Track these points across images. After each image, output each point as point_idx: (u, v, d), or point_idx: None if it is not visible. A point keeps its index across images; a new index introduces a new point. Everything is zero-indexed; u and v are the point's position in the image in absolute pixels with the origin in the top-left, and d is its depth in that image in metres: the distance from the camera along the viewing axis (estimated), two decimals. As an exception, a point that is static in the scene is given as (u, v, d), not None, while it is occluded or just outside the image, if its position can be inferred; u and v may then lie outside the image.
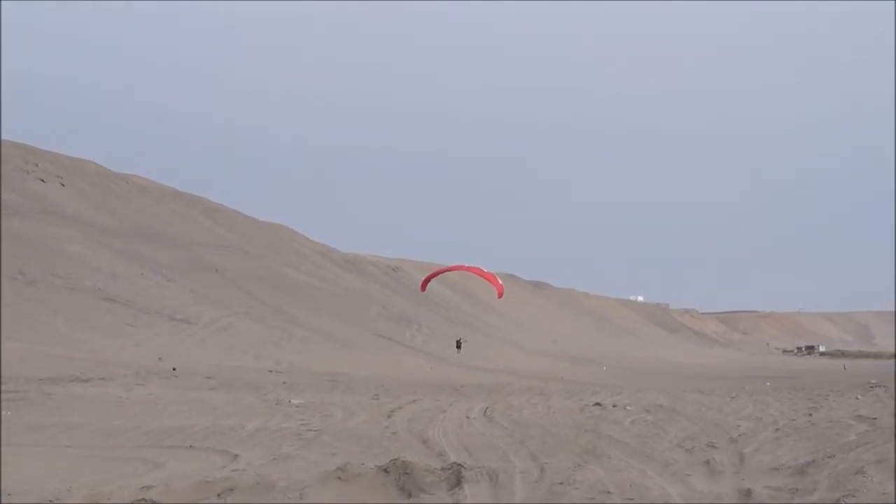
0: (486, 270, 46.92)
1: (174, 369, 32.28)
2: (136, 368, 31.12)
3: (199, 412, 19.96)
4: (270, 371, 37.84)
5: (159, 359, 36.30)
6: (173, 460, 13.38)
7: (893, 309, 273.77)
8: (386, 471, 11.50)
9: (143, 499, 10.18)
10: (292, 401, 23.51)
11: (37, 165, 70.47)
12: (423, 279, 47.88)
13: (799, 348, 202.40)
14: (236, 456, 13.78)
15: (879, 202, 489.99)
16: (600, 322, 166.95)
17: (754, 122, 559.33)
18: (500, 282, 45.67)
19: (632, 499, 11.00)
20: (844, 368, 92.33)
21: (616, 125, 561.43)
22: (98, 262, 53.78)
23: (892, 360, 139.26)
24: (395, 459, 11.96)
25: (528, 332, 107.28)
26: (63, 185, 68.93)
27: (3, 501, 10.52)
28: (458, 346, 63.48)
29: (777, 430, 19.27)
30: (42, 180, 68.08)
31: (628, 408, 25.11)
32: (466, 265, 46.52)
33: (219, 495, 10.53)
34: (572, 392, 33.99)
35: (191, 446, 14.92)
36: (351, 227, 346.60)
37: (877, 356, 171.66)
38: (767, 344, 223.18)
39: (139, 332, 43.58)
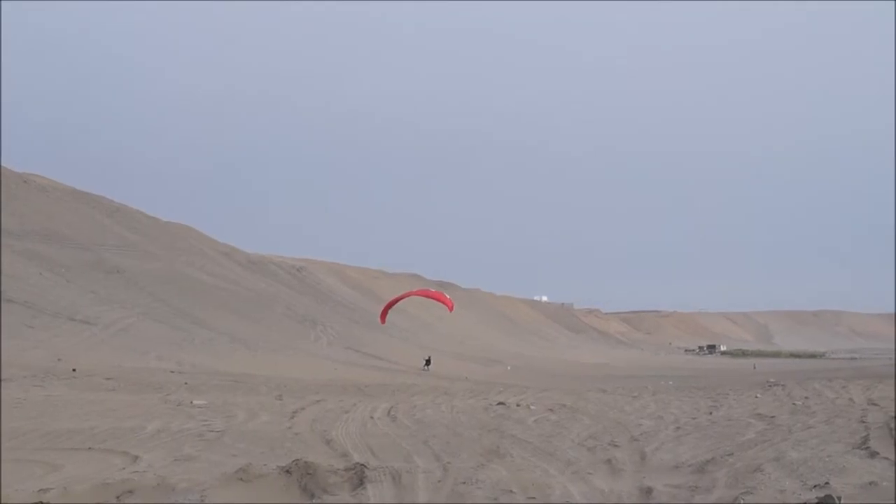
0: (432, 291, 48.30)
1: (74, 370, 31.75)
2: (34, 370, 30.56)
3: (99, 413, 19.66)
4: (172, 372, 37.39)
5: (59, 360, 35.70)
6: (72, 462, 13.14)
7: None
8: (288, 471, 11.43)
9: (41, 502, 9.97)
10: (194, 402, 23.29)
11: (-69, 165, 69.05)
12: (380, 312, 48.40)
13: (701, 348, 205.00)
14: (137, 457, 13.58)
15: (775, 206, 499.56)
16: (506, 322, 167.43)
17: (655, 130, 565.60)
18: (448, 296, 46.43)
19: (534, 498, 11.06)
20: (755, 367, 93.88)
21: (516, 124, 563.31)
22: (-5, 263, 52.67)
23: (791, 359, 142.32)
24: (298, 460, 11.90)
25: (433, 332, 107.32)
26: (-41, 185, 67.52)
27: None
28: (428, 363, 63.35)
29: (678, 428, 19.57)
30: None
31: (532, 407, 25.34)
32: (414, 291, 47.64)
33: (118, 497, 10.35)
34: (477, 392, 34.17)
35: (90, 448, 14.66)
36: (254, 228, 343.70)
37: (776, 355, 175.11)
38: (670, 343, 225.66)
39: (38, 333, 42.80)
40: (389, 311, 47.28)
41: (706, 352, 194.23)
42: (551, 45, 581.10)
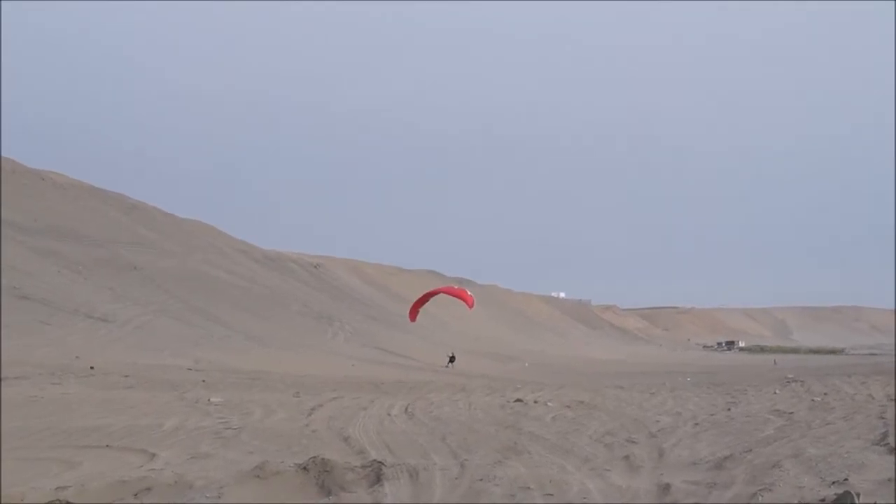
0: (455, 288, 49.56)
1: (92, 368, 31.78)
2: (51, 367, 30.55)
3: (116, 411, 19.65)
4: (189, 369, 37.39)
5: (76, 357, 35.73)
6: (89, 460, 13.13)
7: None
8: (305, 469, 11.41)
9: (58, 499, 9.96)
10: (211, 399, 23.29)
11: (-51, 163, 69.33)
12: (409, 311, 49.06)
13: (719, 344, 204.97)
14: (154, 455, 13.57)
15: (794, 203, 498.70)
16: (523, 319, 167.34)
17: (669, 128, 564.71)
18: (470, 293, 47.20)
19: (551, 494, 11.02)
20: (775, 363, 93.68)
21: (536, 124, 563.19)
22: (13, 260, 52.74)
23: (810, 355, 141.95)
24: (315, 457, 11.87)
25: (450, 329, 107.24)
26: (-24, 182, 67.67)
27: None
28: (452, 360, 63.11)
29: (696, 424, 19.53)
30: (-45, 178, 66.98)
31: (549, 404, 25.30)
32: (439, 288, 48.84)
33: (135, 495, 10.35)
34: (494, 389, 34.12)
35: (107, 446, 14.66)
36: (271, 225, 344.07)
37: (795, 351, 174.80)
38: (688, 340, 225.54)
39: (55, 331, 42.88)
40: (412, 309, 47.83)
41: (724, 348, 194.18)
42: (554, 44, 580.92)
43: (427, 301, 47.24)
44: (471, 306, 47.32)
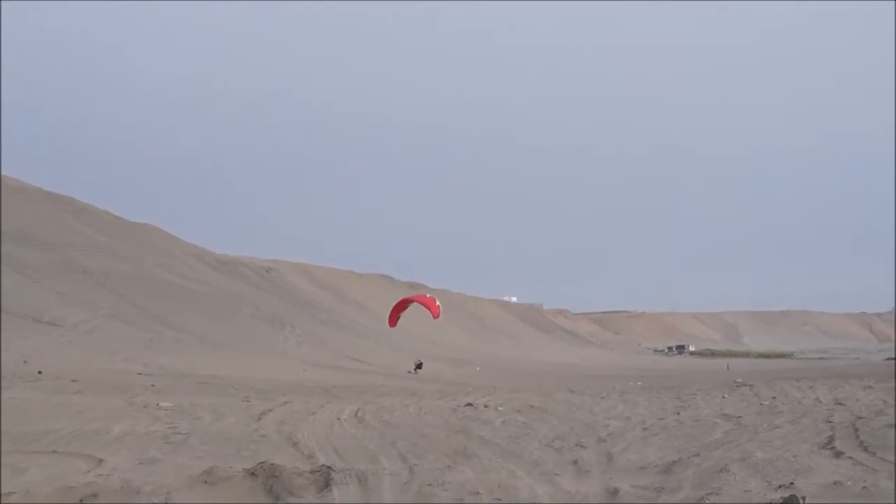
0: (427, 296, 50.02)
1: (40, 372, 31.53)
2: (-1, 372, 30.31)
3: (64, 416, 19.51)
4: (139, 374, 37.14)
5: (24, 362, 35.42)
6: (35, 465, 13.02)
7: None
8: (253, 474, 11.38)
9: (2, 505, 9.91)
10: (160, 404, 23.17)
11: None
12: (389, 317, 49.36)
13: (670, 348, 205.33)
14: (101, 460, 13.48)
15: (744, 204, 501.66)
16: (475, 323, 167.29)
17: (624, 124, 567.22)
18: (438, 304, 47.55)
19: (500, 499, 11.06)
20: (728, 367, 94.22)
21: (483, 126, 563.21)
22: (-40, 264, 52.22)
23: (760, 359, 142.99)
24: (263, 462, 11.86)
25: (404, 333, 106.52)
26: (-76, 185, 66.93)
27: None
28: (419, 367, 62.60)
29: (645, 429, 19.66)
30: None
31: (500, 408, 25.37)
32: (414, 297, 49.38)
33: (81, 501, 10.27)
34: (445, 392, 34.17)
35: (54, 451, 14.56)
36: (223, 229, 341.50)
37: (745, 355, 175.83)
38: (639, 344, 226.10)
39: (3, 335, 42.44)
40: (391, 314, 48.31)
41: (675, 352, 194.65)
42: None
43: (406, 308, 47.60)
44: (435, 317, 47.56)
